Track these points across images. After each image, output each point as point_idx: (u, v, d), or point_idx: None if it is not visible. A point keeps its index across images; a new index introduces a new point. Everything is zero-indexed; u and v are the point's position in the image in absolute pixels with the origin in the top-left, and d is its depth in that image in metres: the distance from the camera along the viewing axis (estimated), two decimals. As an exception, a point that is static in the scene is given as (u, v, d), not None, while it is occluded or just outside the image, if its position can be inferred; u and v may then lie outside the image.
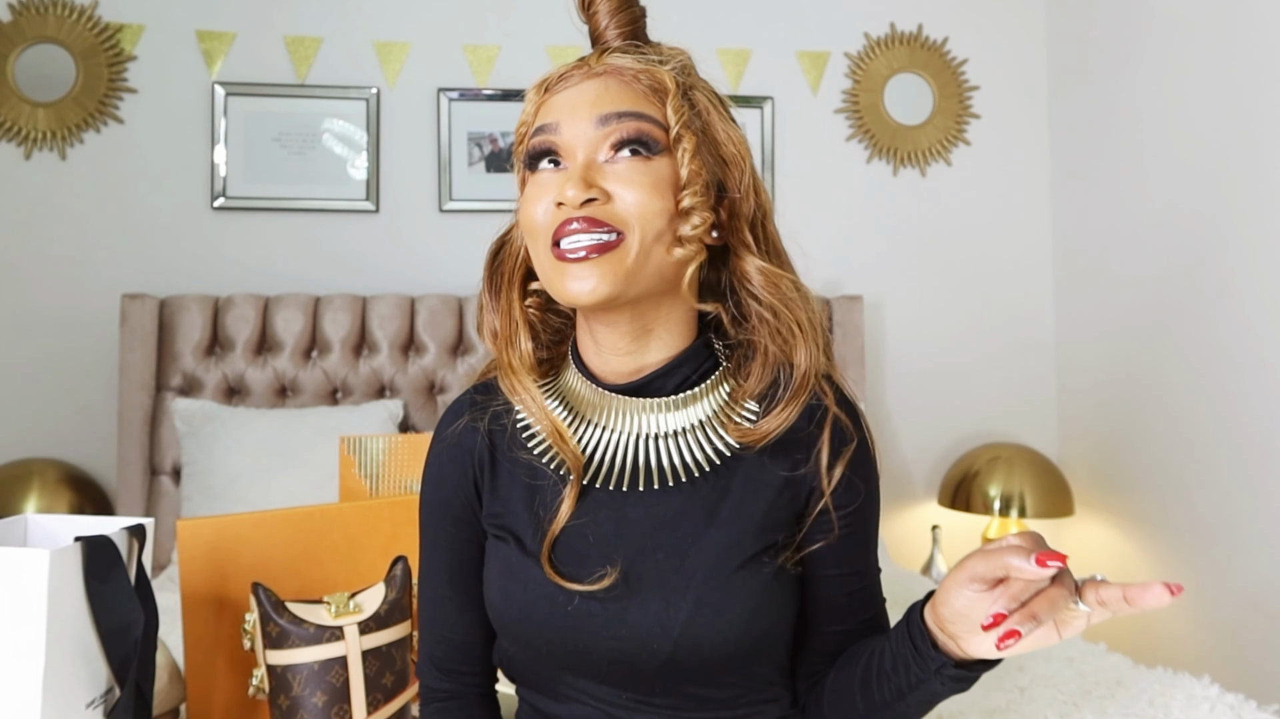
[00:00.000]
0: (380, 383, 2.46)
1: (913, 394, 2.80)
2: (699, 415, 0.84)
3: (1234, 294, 2.16)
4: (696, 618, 0.78)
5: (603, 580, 0.79)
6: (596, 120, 0.77)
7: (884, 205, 2.82)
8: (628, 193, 0.76)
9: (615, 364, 0.84)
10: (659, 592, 0.79)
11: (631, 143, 0.77)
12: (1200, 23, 2.26)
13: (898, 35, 2.83)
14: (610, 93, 0.79)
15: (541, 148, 0.79)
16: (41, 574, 0.85)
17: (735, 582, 0.79)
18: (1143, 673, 1.44)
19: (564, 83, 0.81)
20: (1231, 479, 2.17)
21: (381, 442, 1.58)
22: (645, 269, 0.77)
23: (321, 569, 1.19)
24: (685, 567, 0.79)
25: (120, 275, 2.48)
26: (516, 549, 0.83)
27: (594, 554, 0.81)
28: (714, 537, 0.80)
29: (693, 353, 0.85)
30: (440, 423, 0.91)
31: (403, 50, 2.63)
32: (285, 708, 1.05)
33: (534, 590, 0.81)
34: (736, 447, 0.83)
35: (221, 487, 2.16)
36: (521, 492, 0.85)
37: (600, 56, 0.81)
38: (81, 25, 2.50)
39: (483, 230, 0.92)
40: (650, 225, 0.76)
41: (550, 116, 0.80)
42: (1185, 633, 2.31)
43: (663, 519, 0.81)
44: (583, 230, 0.75)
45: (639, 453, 0.83)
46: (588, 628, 0.79)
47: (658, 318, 0.82)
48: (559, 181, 0.78)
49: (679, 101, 0.79)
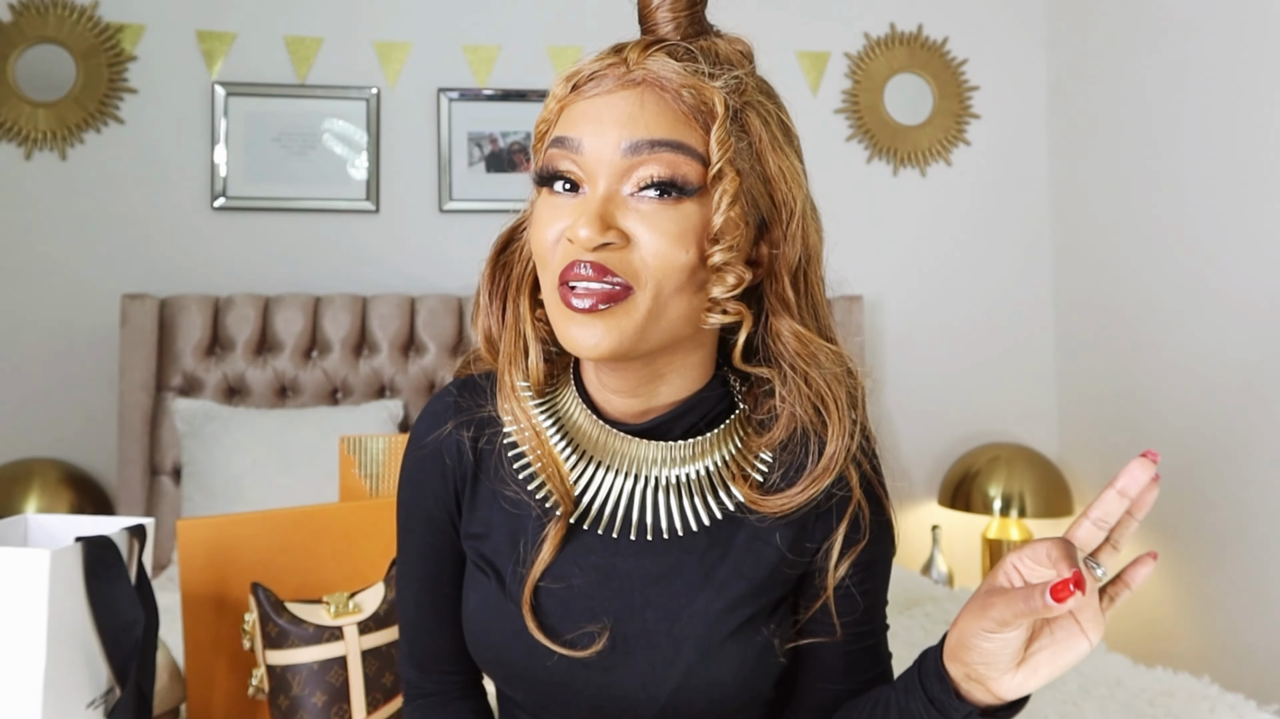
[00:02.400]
0: (380, 383, 2.46)
1: (912, 394, 2.80)
2: (708, 464, 0.75)
3: (1234, 293, 2.16)
4: (685, 686, 0.73)
5: (590, 646, 0.73)
6: (626, 147, 0.66)
7: (884, 205, 2.82)
8: (647, 239, 0.66)
9: (619, 405, 0.75)
10: (647, 656, 0.74)
11: (659, 184, 0.66)
12: (1200, 22, 2.26)
13: (898, 35, 2.83)
14: (646, 113, 0.66)
15: (557, 167, 0.68)
16: (42, 574, 0.85)
17: (728, 650, 0.74)
18: (1142, 673, 1.44)
19: (595, 85, 0.68)
20: (1231, 479, 2.17)
21: (381, 442, 1.58)
22: (659, 325, 0.68)
23: (321, 569, 1.19)
24: (676, 632, 0.74)
25: (120, 275, 2.48)
26: (497, 588, 0.77)
27: (579, 607, 0.75)
28: (708, 600, 0.74)
29: (706, 394, 0.76)
30: (419, 423, 0.82)
31: (403, 50, 2.64)
32: (285, 708, 1.05)
33: (514, 639, 0.75)
34: (743, 502, 0.75)
35: (221, 487, 2.16)
36: (504, 519, 0.78)
37: (643, 53, 0.68)
38: (82, 25, 2.50)
39: (483, 230, 0.88)
40: (668, 281, 0.66)
41: (572, 129, 0.68)
42: (1185, 633, 2.31)
43: (655, 575, 0.75)
44: (592, 278, 0.66)
45: (636, 499, 0.75)
46: (569, 685, 0.74)
47: (671, 363, 0.73)
48: (573, 210, 0.67)
49: (725, 131, 0.66)
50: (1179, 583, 2.33)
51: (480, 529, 0.80)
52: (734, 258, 0.68)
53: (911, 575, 2.17)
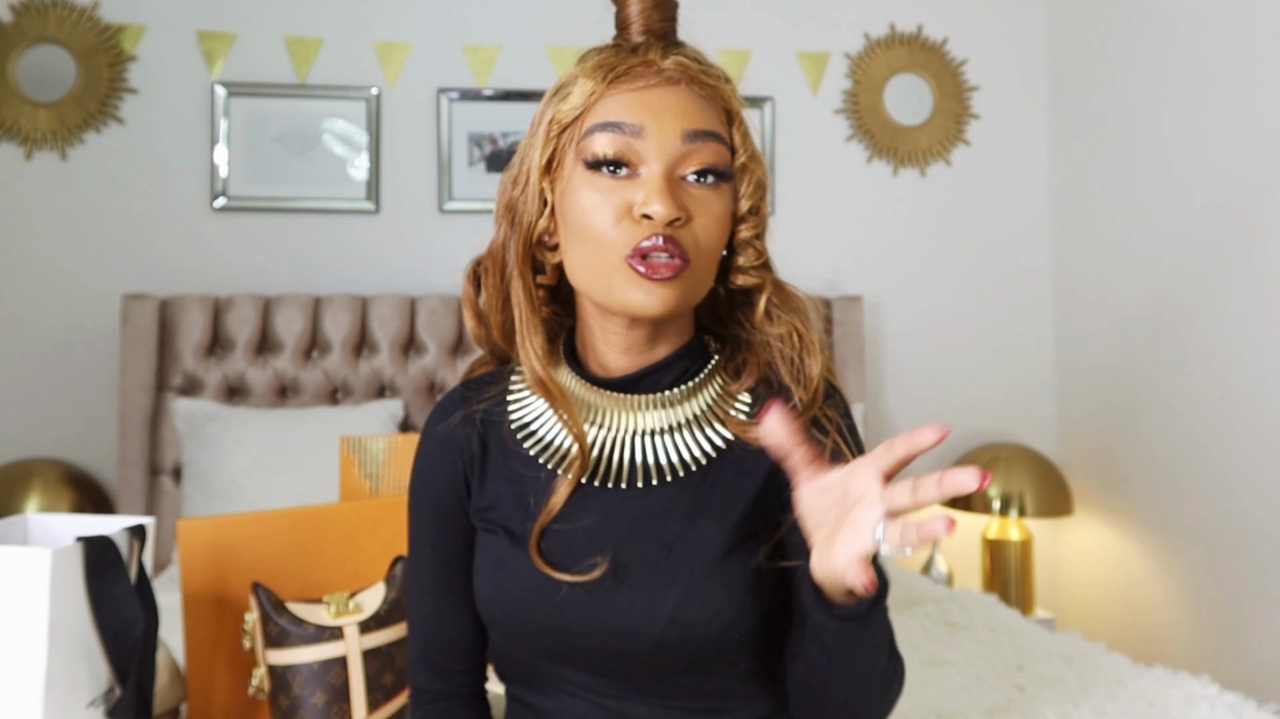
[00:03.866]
0: (380, 383, 2.47)
1: (912, 394, 2.80)
2: (694, 410, 0.84)
3: (1234, 293, 2.16)
4: (684, 607, 0.78)
5: (593, 571, 0.79)
6: (685, 134, 0.77)
7: (884, 205, 2.82)
8: (701, 220, 0.77)
9: (620, 360, 0.84)
10: (647, 581, 0.79)
11: (712, 170, 0.78)
12: (1200, 22, 2.26)
13: (897, 35, 2.83)
14: (696, 107, 0.78)
15: (618, 147, 0.77)
16: (43, 574, 0.85)
17: (723, 571, 0.79)
18: (1142, 672, 1.44)
19: (636, 79, 0.78)
20: (1231, 478, 2.17)
21: (382, 442, 1.58)
22: (700, 291, 0.80)
23: (321, 569, 1.19)
24: (673, 556, 0.80)
25: (121, 275, 2.49)
26: (506, 540, 0.83)
27: (582, 544, 0.81)
28: (701, 527, 0.81)
29: (689, 348, 0.85)
30: (430, 419, 0.90)
31: (403, 50, 2.64)
32: (285, 708, 1.06)
33: (522, 581, 0.81)
34: (731, 438, 0.83)
35: (222, 487, 2.16)
36: (511, 486, 0.85)
37: (664, 55, 0.79)
38: (82, 26, 2.50)
39: (483, 230, 0.91)
40: (711, 255, 0.79)
41: (629, 115, 0.77)
42: (1185, 632, 2.31)
43: (651, 511, 0.81)
44: (665, 249, 0.75)
45: (631, 450, 0.83)
46: (576, 618, 0.79)
47: (674, 322, 0.84)
48: (630, 189, 0.76)
49: (745, 129, 0.80)
50: (1179, 583, 2.34)
51: (489, 502, 0.86)
52: (755, 234, 0.82)
53: (911, 575, 2.18)
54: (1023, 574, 2.54)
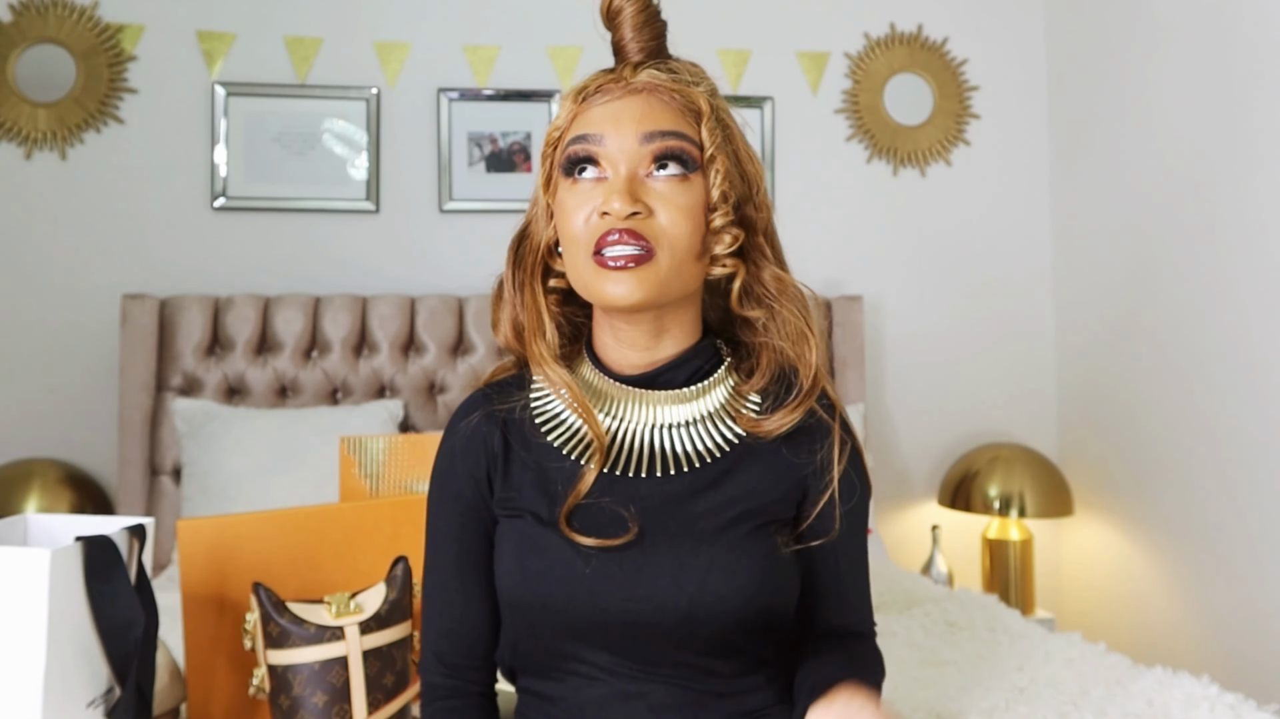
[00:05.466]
0: (380, 383, 2.47)
1: (912, 394, 2.80)
2: (708, 407, 0.90)
3: (1233, 294, 2.16)
4: (710, 577, 0.83)
5: (624, 534, 0.83)
6: (641, 136, 0.83)
7: (884, 205, 2.82)
8: (665, 212, 0.83)
9: (632, 358, 0.90)
10: (673, 552, 0.84)
11: (673, 158, 0.83)
12: (1199, 22, 2.26)
13: (897, 35, 2.83)
14: (653, 110, 0.84)
15: (583, 156, 0.85)
16: (42, 574, 0.85)
17: (745, 545, 0.85)
18: (1142, 673, 1.44)
19: (603, 95, 0.86)
20: (1231, 479, 2.17)
21: (382, 442, 1.58)
22: (677, 280, 0.85)
23: (322, 569, 1.19)
24: (697, 531, 0.85)
25: (120, 275, 2.48)
26: (533, 522, 0.86)
27: (609, 519, 0.85)
28: (722, 508, 0.86)
29: (701, 348, 0.91)
30: (453, 418, 0.94)
31: (403, 50, 2.64)
32: (286, 708, 1.06)
33: (551, 556, 0.84)
34: (744, 435, 0.89)
35: (221, 487, 2.16)
36: (535, 476, 0.88)
37: (635, 71, 0.86)
38: (82, 25, 2.50)
39: (483, 230, 0.94)
40: (681, 244, 0.84)
41: (592, 127, 0.85)
42: (1185, 633, 2.31)
43: (673, 496, 0.87)
44: (623, 242, 0.82)
45: (651, 441, 0.88)
46: (604, 589, 0.82)
47: (674, 318, 0.89)
48: (603, 192, 0.83)
49: (713, 124, 0.85)
50: (1179, 583, 2.34)
51: (512, 493, 0.89)
52: (728, 221, 0.86)
53: (911, 575, 2.17)
54: (1023, 574, 2.54)
